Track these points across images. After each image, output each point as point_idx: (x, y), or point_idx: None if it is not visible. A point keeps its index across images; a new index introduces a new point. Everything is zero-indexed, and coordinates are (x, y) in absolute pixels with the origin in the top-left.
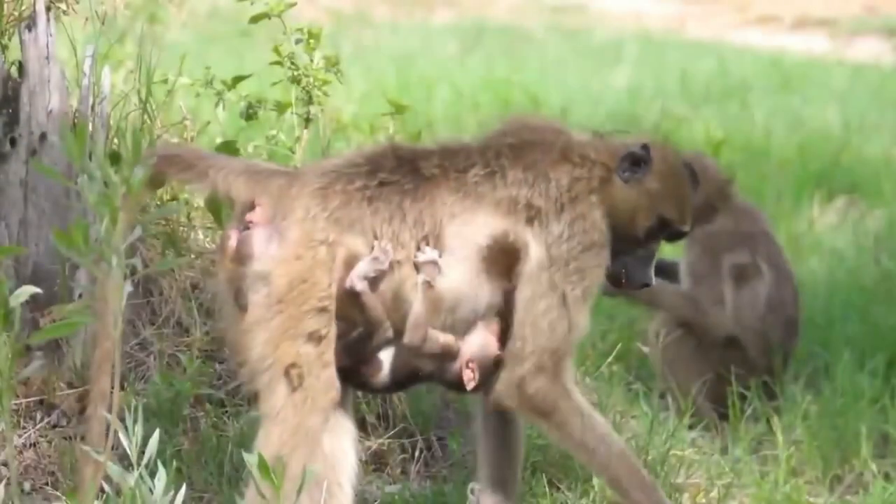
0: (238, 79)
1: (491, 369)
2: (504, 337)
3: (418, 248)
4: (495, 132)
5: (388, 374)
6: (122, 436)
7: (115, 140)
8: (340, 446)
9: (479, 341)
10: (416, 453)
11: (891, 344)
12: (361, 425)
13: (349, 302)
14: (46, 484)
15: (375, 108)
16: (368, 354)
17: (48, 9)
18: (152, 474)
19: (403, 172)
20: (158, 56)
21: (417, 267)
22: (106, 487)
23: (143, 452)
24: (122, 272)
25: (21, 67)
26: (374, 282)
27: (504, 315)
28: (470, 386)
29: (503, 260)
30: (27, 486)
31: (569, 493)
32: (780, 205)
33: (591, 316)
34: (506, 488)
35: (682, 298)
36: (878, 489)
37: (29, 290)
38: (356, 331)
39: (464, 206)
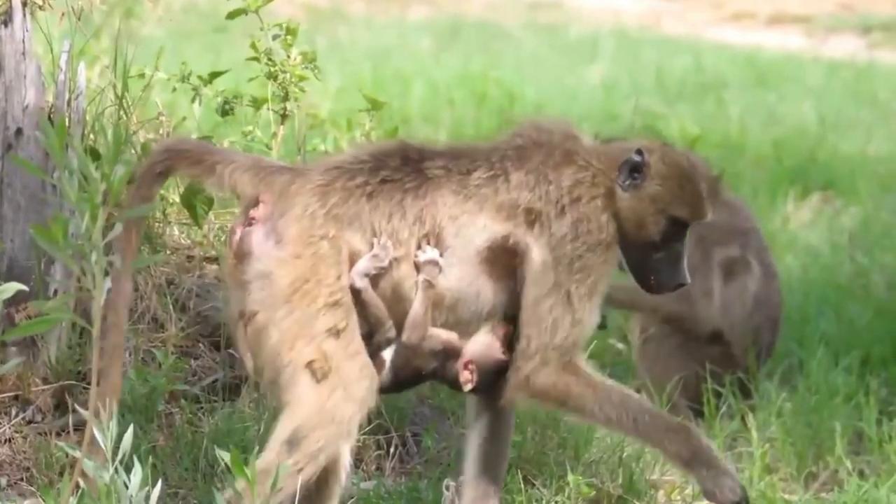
0: (214, 74)
1: (492, 372)
2: (511, 342)
3: (419, 247)
4: (506, 135)
5: (391, 373)
6: (97, 432)
7: (92, 136)
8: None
9: (482, 343)
10: (392, 450)
11: (865, 341)
12: None
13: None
14: (21, 479)
15: (351, 104)
16: (371, 353)
17: (24, 4)
18: (128, 470)
19: (407, 171)
20: (134, 52)
21: (418, 266)
22: (81, 483)
23: (118, 448)
24: (102, 268)
25: None
26: (374, 279)
27: (513, 319)
28: (467, 387)
29: (505, 262)
30: (2, 481)
31: (544, 489)
32: (755, 201)
33: None
34: (490, 485)
35: None
36: (852, 486)
37: (14, 286)
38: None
39: (465, 207)
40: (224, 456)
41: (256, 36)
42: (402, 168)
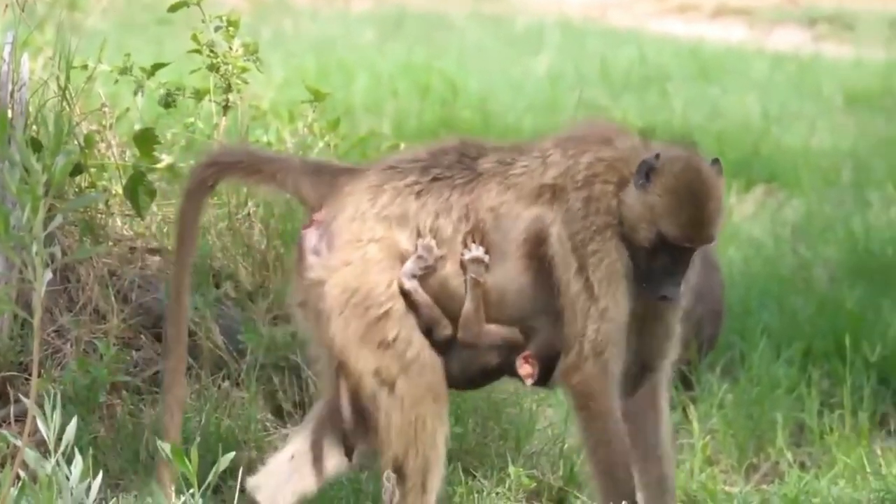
0: (157, 66)
1: (553, 366)
2: None
3: (465, 245)
4: (565, 129)
5: (459, 370)
6: (39, 423)
7: (34, 127)
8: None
9: (543, 336)
10: None
11: (807, 333)
12: (278, 412)
13: (405, 300)
14: None
15: (295, 95)
16: (437, 351)
17: None
18: (69, 461)
19: (460, 168)
20: (78, 43)
21: (464, 265)
22: (21, 474)
23: (60, 439)
24: (43, 260)
25: None
26: (423, 279)
27: None
28: (528, 381)
29: (542, 253)
30: None
31: (485, 481)
32: None
33: None
34: None
35: None
36: (793, 478)
37: None
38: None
39: (503, 198)
40: (165, 447)
41: (199, 28)
42: (455, 165)
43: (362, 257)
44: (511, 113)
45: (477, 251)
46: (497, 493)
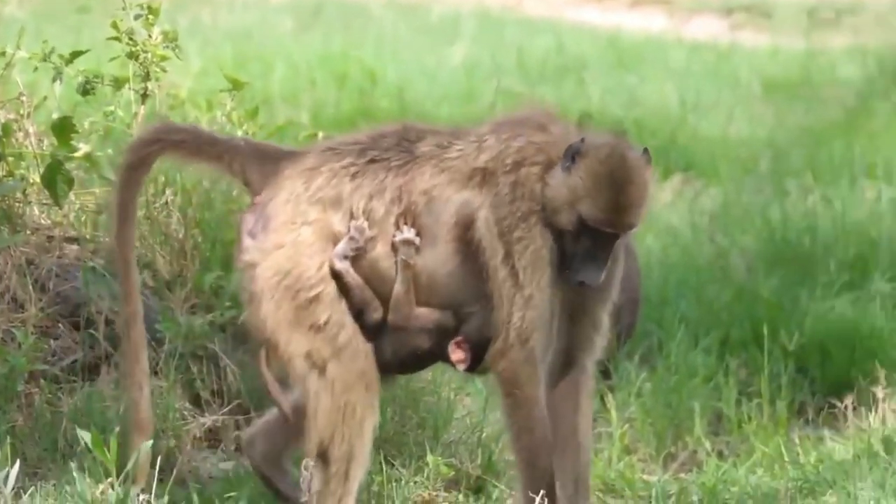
0: (75, 54)
1: (485, 352)
2: None
3: (397, 227)
4: (504, 114)
5: (392, 354)
6: None
7: None
8: None
9: (476, 321)
10: None
11: (725, 322)
12: (196, 401)
13: (336, 282)
14: None
15: (213, 84)
16: (368, 335)
17: None
18: None
19: (398, 151)
20: None
21: (395, 247)
22: None
23: None
24: None
25: None
26: (355, 261)
27: None
28: (460, 367)
29: (471, 237)
30: None
31: (403, 469)
32: None
33: None
34: None
35: None
36: (711, 467)
37: None
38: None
39: (436, 181)
40: (84, 436)
41: (118, 16)
42: (394, 148)
43: (294, 240)
44: (428, 102)
45: (408, 233)
46: (415, 482)
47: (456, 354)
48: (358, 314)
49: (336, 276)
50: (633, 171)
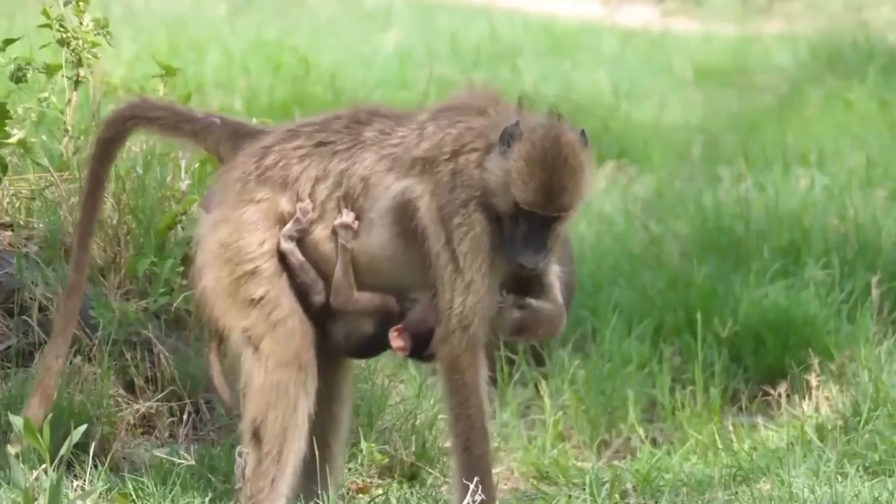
0: (7, 41)
1: (429, 340)
2: None
3: (339, 211)
4: (446, 99)
5: (344, 338)
6: None
7: None
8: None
9: (419, 310)
10: (185, 416)
11: (658, 309)
12: (130, 387)
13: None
14: None
15: (146, 70)
16: (316, 317)
17: None
18: None
19: (346, 134)
20: None
21: (335, 230)
22: None
23: None
24: None
25: None
26: (301, 243)
27: None
28: (400, 354)
29: (412, 223)
30: None
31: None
32: None
33: None
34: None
35: None
36: (645, 454)
37: None
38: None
39: (376, 167)
40: (17, 421)
41: (49, 2)
42: (343, 131)
43: (240, 217)
44: (362, 88)
45: (346, 217)
46: (349, 469)
47: (396, 342)
48: (305, 296)
49: (282, 257)
50: (566, 154)
